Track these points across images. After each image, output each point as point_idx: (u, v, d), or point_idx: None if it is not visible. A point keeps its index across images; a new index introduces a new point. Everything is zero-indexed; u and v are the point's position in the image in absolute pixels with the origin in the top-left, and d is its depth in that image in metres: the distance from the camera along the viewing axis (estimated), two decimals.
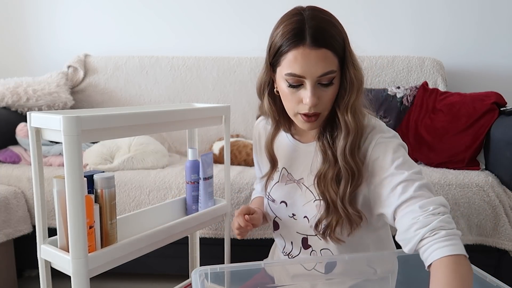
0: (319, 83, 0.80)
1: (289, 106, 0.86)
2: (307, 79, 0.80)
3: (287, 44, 0.80)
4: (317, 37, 0.77)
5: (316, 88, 0.80)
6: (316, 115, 0.83)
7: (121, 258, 0.95)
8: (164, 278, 1.68)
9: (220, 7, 2.26)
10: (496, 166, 1.57)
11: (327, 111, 0.85)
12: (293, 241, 1.00)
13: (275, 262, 1.04)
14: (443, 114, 1.74)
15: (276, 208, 1.00)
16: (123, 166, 1.61)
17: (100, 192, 0.92)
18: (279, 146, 0.98)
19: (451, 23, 2.16)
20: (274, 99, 0.92)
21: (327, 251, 0.94)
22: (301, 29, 0.78)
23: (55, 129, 0.81)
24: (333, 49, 0.79)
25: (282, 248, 1.03)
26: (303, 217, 0.95)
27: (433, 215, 0.72)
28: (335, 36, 0.79)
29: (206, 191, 1.21)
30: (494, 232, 1.43)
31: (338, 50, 0.80)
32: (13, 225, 1.48)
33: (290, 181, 0.97)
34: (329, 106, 0.84)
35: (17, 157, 1.69)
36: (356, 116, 0.83)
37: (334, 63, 0.80)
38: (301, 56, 0.78)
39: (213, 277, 0.85)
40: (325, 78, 0.79)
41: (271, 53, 0.85)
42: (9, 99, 1.83)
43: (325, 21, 0.80)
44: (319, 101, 0.81)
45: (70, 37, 2.35)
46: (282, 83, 0.84)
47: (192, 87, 2.11)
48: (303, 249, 0.97)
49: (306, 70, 0.78)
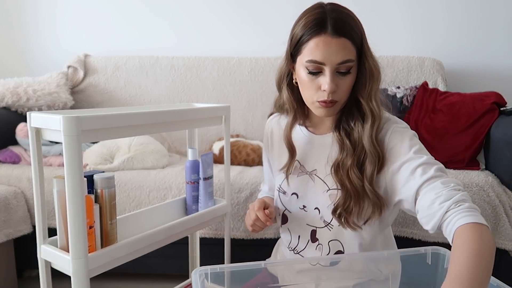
0: (338, 71, 0.85)
1: (307, 94, 0.90)
2: (326, 66, 0.84)
3: (309, 33, 0.85)
4: (338, 27, 0.83)
5: (334, 76, 0.85)
6: (333, 102, 0.87)
7: (121, 258, 0.95)
8: (164, 278, 1.68)
9: (220, 7, 2.26)
10: (496, 166, 1.57)
11: (344, 99, 0.89)
12: (300, 235, 1.00)
13: (275, 262, 1.04)
14: (443, 114, 1.74)
15: (286, 200, 1.01)
16: (123, 166, 1.61)
17: (100, 192, 0.93)
18: (294, 138, 1.00)
19: (451, 23, 2.16)
20: (293, 90, 0.96)
21: (336, 242, 0.94)
22: (323, 19, 0.84)
23: (55, 129, 0.81)
24: (352, 39, 0.84)
25: (288, 243, 1.03)
26: (314, 208, 0.96)
27: (455, 190, 0.76)
28: (354, 28, 0.85)
29: (206, 191, 1.21)
30: (494, 232, 1.43)
31: (356, 41, 0.85)
32: (13, 225, 1.48)
33: (302, 173, 0.98)
34: (346, 95, 0.88)
35: (17, 157, 1.69)
36: (378, 103, 0.88)
37: (352, 52, 0.85)
38: (322, 44, 0.83)
39: (213, 277, 0.85)
40: (343, 66, 0.84)
41: (292, 43, 0.90)
42: (9, 99, 1.82)
43: (345, 14, 0.86)
44: (336, 87, 0.85)
45: (70, 37, 2.35)
46: (302, 71, 0.88)
47: (192, 87, 2.11)
48: (310, 242, 0.98)
49: (327, 57, 0.83)
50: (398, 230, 1.47)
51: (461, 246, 0.68)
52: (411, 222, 1.45)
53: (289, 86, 0.96)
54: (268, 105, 2.04)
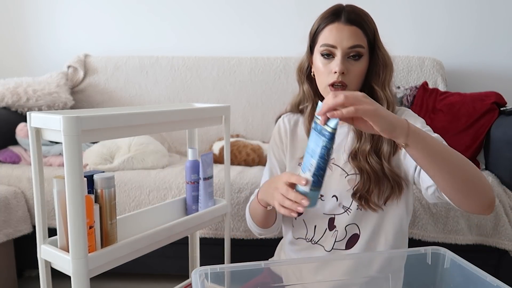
0: (349, 56, 0.92)
1: (321, 79, 0.96)
2: (337, 50, 0.92)
3: (324, 22, 0.94)
4: (351, 17, 0.92)
5: (345, 60, 0.92)
6: (343, 85, 0.92)
7: (121, 258, 0.95)
8: (164, 278, 1.68)
9: (220, 7, 2.26)
10: (496, 166, 1.57)
11: (354, 85, 0.94)
12: (317, 225, 1.01)
13: (275, 262, 1.04)
14: (443, 114, 1.74)
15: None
16: (123, 166, 1.61)
17: (100, 192, 0.93)
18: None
19: (451, 23, 2.16)
20: (311, 82, 1.03)
21: (353, 225, 0.97)
22: (338, 11, 0.93)
23: (55, 129, 0.81)
24: (363, 29, 0.92)
25: (304, 235, 1.03)
26: (331, 196, 0.98)
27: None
28: (366, 22, 0.94)
29: (206, 191, 1.21)
30: (494, 232, 1.43)
31: (368, 32, 0.93)
32: (13, 225, 1.48)
33: None
34: (356, 80, 0.94)
35: (17, 157, 1.69)
36: (392, 91, 0.96)
37: (363, 40, 0.93)
38: (336, 29, 0.92)
39: (213, 277, 0.85)
40: (354, 50, 0.91)
41: (311, 35, 0.99)
42: (9, 99, 1.83)
43: (359, 10, 0.95)
44: (347, 72, 0.92)
45: (70, 37, 2.35)
46: (317, 59, 0.96)
47: (192, 87, 2.11)
48: (328, 230, 1.00)
49: (338, 41, 0.91)
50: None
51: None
52: (411, 222, 1.45)
53: (308, 79, 1.04)
54: (268, 105, 2.06)
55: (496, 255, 1.48)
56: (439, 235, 1.44)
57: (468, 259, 0.85)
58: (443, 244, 1.44)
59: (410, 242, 1.44)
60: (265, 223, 1.03)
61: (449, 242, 1.44)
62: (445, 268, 0.89)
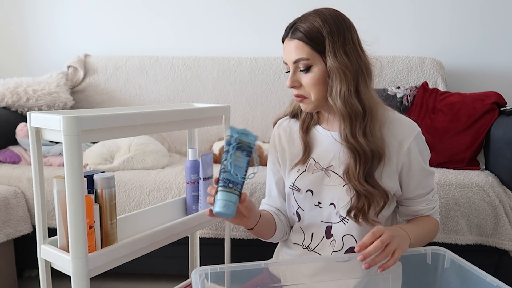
0: (300, 69, 0.93)
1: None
2: (288, 65, 0.95)
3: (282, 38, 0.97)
4: (292, 31, 0.93)
5: (296, 73, 0.94)
6: (301, 96, 0.95)
7: (121, 258, 0.95)
8: (164, 278, 1.68)
9: (220, 7, 2.26)
10: (496, 166, 1.57)
11: (314, 96, 0.94)
12: (314, 232, 1.01)
13: (275, 262, 1.04)
14: (443, 114, 1.74)
15: (301, 198, 1.01)
16: (123, 166, 1.61)
17: (100, 192, 0.93)
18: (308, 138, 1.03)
19: (451, 23, 2.16)
20: None
21: (349, 237, 0.96)
22: (289, 26, 0.95)
23: (55, 129, 0.81)
24: (305, 40, 0.91)
25: (301, 242, 1.03)
26: (329, 204, 0.97)
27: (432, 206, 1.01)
28: (311, 31, 0.91)
29: (206, 191, 1.21)
30: (494, 232, 1.43)
31: (313, 41, 0.91)
32: (13, 225, 1.48)
33: (317, 170, 0.99)
34: (313, 91, 0.93)
35: (17, 157, 1.69)
36: (346, 101, 0.90)
37: (306, 52, 0.91)
38: (284, 45, 0.96)
39: (213, 277, 0.85)
40: (300, 64, 0.92)
41: None
42: (9, 99, 1.83)
43: (305, 18, 0.93)
44: (299, 84, 0.94)
45: (70, 37, 2.35)
46: None
47: (192, 87, 2.11)
48: (325, 238, 0.99)
49: (286, 57, 0.95)
50: None
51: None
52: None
53: None
54: (268, 105, 2.06)
55: (496, 255, 1.48)
56: (439, 235, 1.44)
57: (468, 259, 0.85)
58: (443, 244, 1.44)
59: None
60: (265, 236, 1.05)
61: (449, 242, 1.44)
62: (445, 268, 0.89)
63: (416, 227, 0.95)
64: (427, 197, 0.99)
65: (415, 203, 0.99)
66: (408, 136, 0.94)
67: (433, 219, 1.01)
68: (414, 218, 1.01)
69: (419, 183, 0.96)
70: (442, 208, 1.42)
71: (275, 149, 1.08)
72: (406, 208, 1.00)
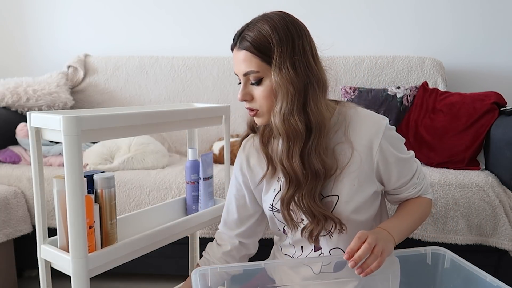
0: (251, 82, 0.87)
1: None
2: (239, 76, 0.89)
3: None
4: (241, 40, 0.88)
5: (246, 85, 0.87)
6: (253, 110, 0.89)
7: (121, 258, 0.95)
8: (164, 278, 1.68)
9: (220, 7, 2.26)
10: (496, 166, 1.57)
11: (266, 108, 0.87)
12: (303, 245, 0.98)
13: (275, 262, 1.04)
14: (443, 114, 1.74)
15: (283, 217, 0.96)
16: (123, 166, 1.61)
17: (100, 192, 0.92)
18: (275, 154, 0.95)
19: (451, 23, 2.16)
20: None
21: (337, 250, 0.93)
22: (237, 34, 0.91)
23: (55, 129, 0.81)
24: (253, 52, 0.85)
25: (292, 255, 1.01)
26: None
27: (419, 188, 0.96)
28: (259, 42, 0.85)
29: (206, 191, 1.21)
30: (494, 232, 1.43)
31: (262, 52, 0.84)
32: (13, 225, 1.48)
33: None
34: (266, 104, 0.86)
35: (17, 157, 1.69)
36: (287, 120, 0.82)
37: (256, 64, 0.85)
38: (234, 56, 0.90)
39: (213, 277, 0.85)
40: (251, 76, 0.86)
41: None
42: (9, 99, 1.83)
43: (253, 26, 0.88)
44: (251, 98, 0.88)
45: (70, 37, 2.35)
46: None
47: (192, 87, 2.11)
48: (313, 251, 0.96)
49: (236, 69, 0.89)
50: None
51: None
52: None
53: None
54: None
55: (496, 255, 1.48)
56: (439, 235, 1.44)
57: (468, 259, 0.85)
58: (443, 244, 1.43)
59: (410, 242, 1.44)
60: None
61: (449, 242, 1.44)
62: (445, 268, 0.89)
63: (399, 221, 0.90)
64: (412, 182, 0.94)
65: (401, 191, 0.94)
66: (376, 134, 0.87)
67: (422, 199, 0.96)
68: (399, 205, 0.98)
69: (400, 174, 0.91)
70: (442, 208, 1.42)
71: (243, 173, 1.00)
72: (394, 196, 0.97)
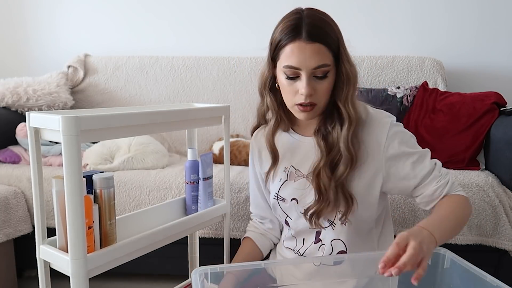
0: (314, 75, 0.87)
1: (287, 97, 0.92)
2: (302, 71, 0.86)
3: (285, 38, 0.87)
4: (312, 33, 0.84)
5: (311, 80, 0.87)
6: (312, 105, 0.89)
7: (121, 259, 0.94)
8: (164, 278, 1.67)
9: (220, 7, 2.26)
10: (496, 166, 1.57)
11: (323, 103, 0.91)
12: (305, 238, 1.01)
13: (275, 262, 1.04)
14: (443, 114, 1.74)
15: (287, 207, 1.01)
16: (123, 166, 1.61)
17: (99, 192, 0.92)
18: (283, 145, 1.01)
19: (451, 23, 2.16)
20: (275, 94, 0.98)
21: (338, 241, 0.95)
22: (298, 25, 0.86)
23: (54, 129, 0.81)
24: (327, 44, 0.85)
25: (293, 247, 1.04)
26: None
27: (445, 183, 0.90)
28: (329, 33, 0.86)
29: (205, 191, 1.20)
30: (494, 232, 1.43)
31: (332, 46, 0.87)
32: (13, 225, 1.48)
33: (299, 177, 0.98)
34: (325, 98, 0.90)
35: (17, 157, 1.69)
36: (355, 107, 0.90)
37: (328, 57, 0.86)
38: (297, 49, 0.85)
39: (213, 277, 0.85)
40: (319, 70, 0.86)
41: (272, 48, 0.92)
42: (9, 99, 1.83)
43: (320, 20, 0.87)
44: (314, 92, 0.87)
45: (70, 37, 2.35)
46: (281, 76, 0.91)
47: (192, 87, 2.11)
48: (314, 243, 0.99)
49: (302, 63, 0.85)
50: (398, 230, 1.47)
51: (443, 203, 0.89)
52: (411, 222, 1.45)
53: (271, 91, 0.98)
54: None
55: (496, 255, 1.48)
56: None
57: (468, 259, 0.85)
58: (443, 244, 1.43)
59: None
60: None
61: (449, 242, 1.44)
62: (445, 268, 0.89)
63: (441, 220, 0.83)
64: (434, 175, 0.90)
65: (426, 187, 0.90)
66: (382, 133, 0.91)
67: (456, 196, 0.90)
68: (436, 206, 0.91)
69: (414, 166, 0.90)
70: None
71: (256, 162, 1.08)
72: (422, 196, 0.92)
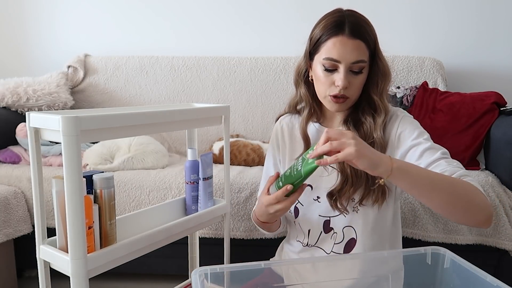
0: (351, 70, 0.92)
1: (321, 88, 0.97)
2: (341, 64, 0.91)
3: (328, 33, 0.92)
4: (355, 30, 0.91)
5: (348, 74, 0.92)
6: (344, 97, 0.94)
7: (121, 259, 0.94)
8: (164, 278, 1.68)
9: (221, 7, 2.26)
10: (496, 166, 1.57)
11: (355, 97, 0.96)
12: (311, 228, 1.02)
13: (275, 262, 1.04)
14: (443, 114, 1.74)
15: None
16: (123, 166, 1.61)
17: (99, 192, 0.92)
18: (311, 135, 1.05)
19: (451, 23, 2.16)
20: (309, 86, 1.03)
21: (349, 228, 0.98)
22: (341, 22, 0.92)
23: (54, 129, 0.81)
24: (366, 42, 0.92)
25: (297, 238, 1.06)
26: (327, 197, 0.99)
27: (458, 167, 0.87)
28: (368, 32, 0.93)
29: (205, 191, 1.20)
30: (494, 232, 1.43)
31: (370, 44, 0.93)
32: (13, 225, 1.48)
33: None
34: (357, 92, 0.96)
35: (17, 157, 1.69)
36: (388, 100, 0.98)
37: (366, 54, 0.93)
38: (340, 43, 0.91)
39: (213, 277, 0.85)
40: (356, 65, 0.91)
41: (312, 43, 0.97)
42: (9, 99, 1.83)
43: (361, 19, 0.94)
44: (349, 85, 0.92)
45: (70, 37, 2.35)
46: (318, 68, 0.96)
47: (192, 87, 2.11)
48: (323, 233, 1.01)
49: (342, 56, 0.91)
50: None
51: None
52: (411, 222, 1.45)
53: (305, 83, 1.03)
54: (268, 105, 2.06)
55: (496, 255, 1.48)
56: (439, 235, 1.44)
57: (468, 259, 0.85)
58: (443, 244, 1.43)
59: (410, 242, 1.44)
60: (271, 229, 1.09)
61: (449, 242, 1.44)
62: (445, 268, 0.89)
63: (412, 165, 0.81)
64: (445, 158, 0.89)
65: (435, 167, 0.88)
66: (394, 127, 0.97)
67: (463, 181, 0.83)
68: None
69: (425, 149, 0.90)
70: None
71: (277, 144, 1.10)
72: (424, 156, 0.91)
